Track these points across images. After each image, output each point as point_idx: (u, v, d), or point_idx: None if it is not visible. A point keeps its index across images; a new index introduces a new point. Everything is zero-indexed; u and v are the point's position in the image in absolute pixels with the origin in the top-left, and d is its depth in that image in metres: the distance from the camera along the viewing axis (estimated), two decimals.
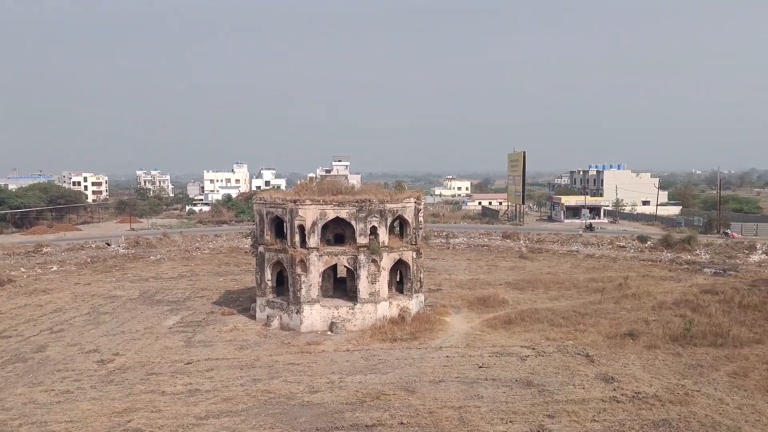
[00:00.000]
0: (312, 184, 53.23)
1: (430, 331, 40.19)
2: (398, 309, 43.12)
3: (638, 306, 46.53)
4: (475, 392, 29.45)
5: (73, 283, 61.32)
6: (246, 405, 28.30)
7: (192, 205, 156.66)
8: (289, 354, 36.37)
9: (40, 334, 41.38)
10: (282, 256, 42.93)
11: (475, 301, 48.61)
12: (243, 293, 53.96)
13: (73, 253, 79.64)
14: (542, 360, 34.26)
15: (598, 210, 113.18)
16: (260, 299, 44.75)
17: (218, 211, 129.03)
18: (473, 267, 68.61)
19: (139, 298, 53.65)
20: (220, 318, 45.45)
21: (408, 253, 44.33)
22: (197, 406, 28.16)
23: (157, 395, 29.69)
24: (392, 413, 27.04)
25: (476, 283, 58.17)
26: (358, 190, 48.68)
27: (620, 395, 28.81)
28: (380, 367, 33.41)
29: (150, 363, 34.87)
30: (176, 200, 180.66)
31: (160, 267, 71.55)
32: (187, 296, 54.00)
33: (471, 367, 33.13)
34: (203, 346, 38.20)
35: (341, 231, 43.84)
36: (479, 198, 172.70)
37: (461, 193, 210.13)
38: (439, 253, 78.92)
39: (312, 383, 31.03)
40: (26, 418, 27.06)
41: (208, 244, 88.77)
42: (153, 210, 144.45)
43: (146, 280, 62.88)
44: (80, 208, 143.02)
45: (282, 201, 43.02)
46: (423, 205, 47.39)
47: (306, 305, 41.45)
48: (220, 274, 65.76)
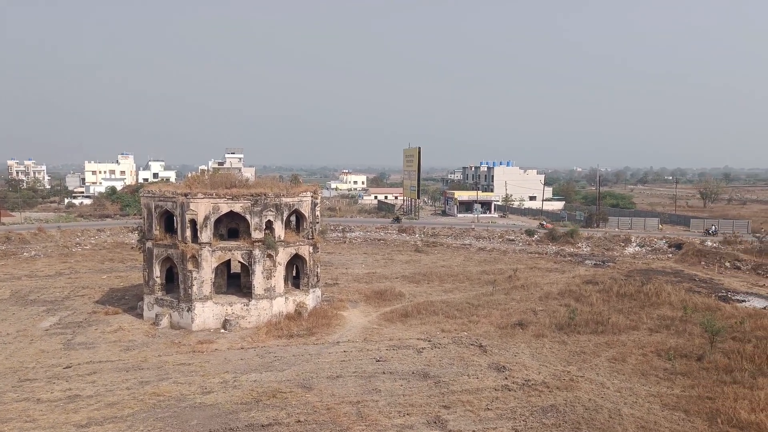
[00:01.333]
0: (204, 176, 51.16)
1: (327, 326, 39.90)
2: (295, 304, 42.44)
3: (527, 297, 48.71)
4: (372, 386, 29.49)
5: None
6: (132, 409, 26.70)
7: (72, 198, 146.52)
8: (180, 354, 34.77)
9: None
10: (172, 252, 40.97)
11: (372, 295, 48.84)
12: (129, 291, 51.04)
13: None
14: (438, 352, 34.95)
15: (489, 204, 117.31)
16: (148, 297, 42.49)
17: (101, 205, 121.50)
18: (370, 261, 68.97)
19: (10, 298, 49.29)
20: (104, 318, 42.67)
21: (304, 247, 43.73)
22: (78, 413, 26.22)
23: (32, 403, 27.35)
24: (289, 411, 26.51)
25: (373, 276, 58.49)
26: (253, 184, 47.45)
27: (511, 383, 29.93)
28: (276, 365, 32.70)
29: (23, 368, 32.08)
30: (54, 192, 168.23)
31: (35, 264, 66.23)
32: (66, 295, 50.29)
33: (368, 361, 33.19)
34: (84, 349, 35.67)
35: (235, 225, 42.49)
36: (375, 192, 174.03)
37: (357, 187, 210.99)
38: (336, 247, 78.73)
39: (204, 383, 29.82)
40: None
41: (89, 240, 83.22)
42: (27, 203, 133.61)
43: (18, 278, 57.93)
44: None
45: (172, 194, 41.02)
46: (320, 199, 46.91)
47: (198, 302, 39.82)
48: (103, 271, 61.88)
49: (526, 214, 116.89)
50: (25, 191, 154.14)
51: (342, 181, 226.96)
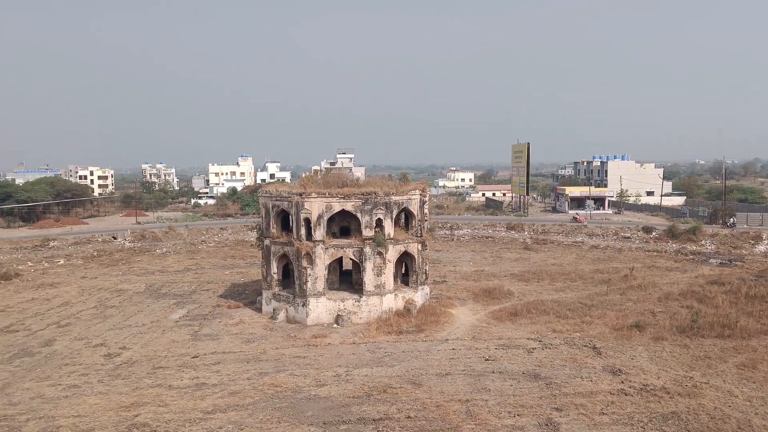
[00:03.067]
0: (317, 176, 53.17)
1: (435, 323, 40.19)
2: (404, 301, 43.10)
3: (644, 297, 46.43)
4: (482, 385, 29.43)
5: (79, 276, 61.49)
6: (253, 399, 28.34)
7: (197, 198, 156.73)
8: (296, 347, 36.41)
9: (48, 329, 41.52)
10: (288, 249, 42.91)
11: (480, 293, 48.57)
12: (249, 286, 54.02)
13: (79, 246, 79.88)
14: (549, 352, 34.22)
15: (603, 201, 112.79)
16: (266, 292, 44.78)
17: (223, 204, 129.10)
18: (478, 258, 68.52)
19: (145, 291, 53.78)
20: (226, 311, 45.53)
21: (413, 245, 44.27)
22: (204, 401, 28.22)
23: (164, 389, 29.77)
24: (399, 407, 27.04)
25: (481, 274, 58.10)
26: (364, 183, 48.60)
27: (628, 388, 28.75)
28: (386, 360, 33.43)
29: (157, 357, 34.96)
30: (181, 193, 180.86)
31: (166, 260, 71.68)
32: (193, 289, 54.10)
33: (477, 360, 33.12)
34: (209, 340, 38.27)
35: (347, 223, 43.80)
36: (483, 189, 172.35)
37: (465, 185, 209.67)
38: (444, 245, 78.87)
39: (318, 376, 31.07)
40: (34, 412, 27.17)
41: (213, 237, 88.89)
42: (158, 203, 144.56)
43: (152, 273, 63.01)
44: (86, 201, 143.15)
45: (288, 194, 42.95)
46: (428, 197, 47.28)
47: (312, 298, 41.46)
48: (225, 267, 65.85)
49: (643, 210, 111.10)
50: (157, 192, 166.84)
51: (450, 179, 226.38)
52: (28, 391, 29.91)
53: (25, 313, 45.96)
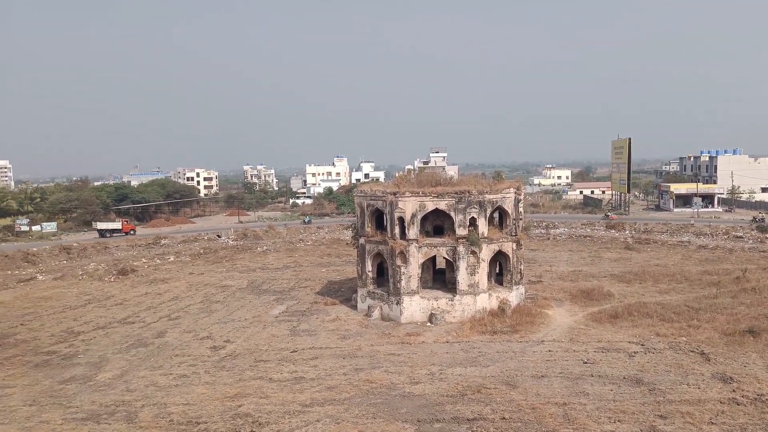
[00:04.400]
0: (410, 176, 53.55)
1: (531, 324, 39.44)
2: (498, 301, 42.62)
3: (759, 301, 43.34)
4: (580, 389, 28.62)
5: (187, 273, 65.28)
6: (349, 394, 29.03)
7: (295, 198, 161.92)
8: (390, 344, 36.91)
9: (160, 321, 44.42)
10: (382, 248, 43.55)
11: (578, 294, 47.14)
12: (344, 284, 55.26)
13: (187, 244, 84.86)
14: (652, 357, 32.71)
15: (712, 198, 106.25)
16: (361, 290, 45.67)
17: (320, 204, 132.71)
18: (575, 258, 66.47)
19: (247, 287, 56.29)
20: (323, 308, 46.83)
21: (508, 244, 43.66)
22: (302, 394, 29.22)
23: (265, 382, 31.08)
24: (494, 407, 26.82)
25: (579, 275, 56.36)
26: (457, 181, 48.46)
27: (740, 397, 27.00)
28: (480, 360, 33.21)
29: (258, 350, 36.54)
30: (280, 194, 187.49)
31: (267, 258, 74.62)
32: (292, 286, 56.03)
33: (575, 363, 32.22)
34: (307, 335, 39.54)
35: (440, 222, 43.86)
36: (580, 187, 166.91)
37: (561, 183, 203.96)
38: (539, 244, 77.10)
39: (413, 374, 31.34)
40: (148, 399, 29.20)
41: (311, 236, 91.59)
42: (259, 203, 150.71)
43: (254, 270, 65.82)
44: (194, 202, 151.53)
45: (382, 193, 43.58)
46: (523, 195, 46.46)
47: (406, 296, 41.86)
48: (322, 265, 67.67)
49: (757, 208, 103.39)
50: (258, 193, 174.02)
51: (545, 177, 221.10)
52: (143, 379, 32.16)
53: (140, 306, 49.40)
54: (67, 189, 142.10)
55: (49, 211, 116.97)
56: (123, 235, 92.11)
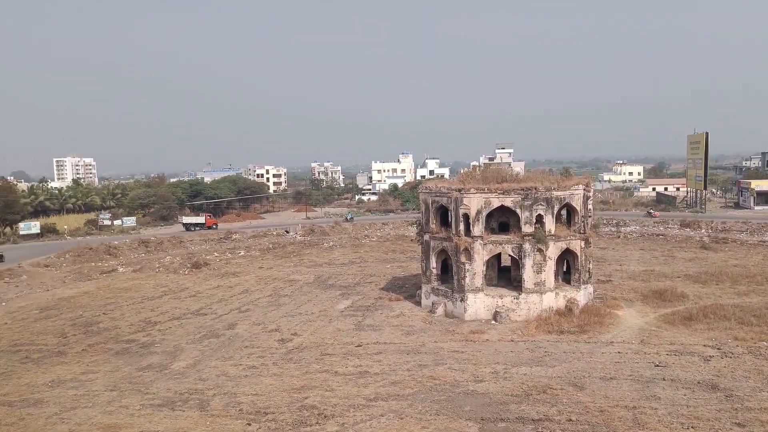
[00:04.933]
0: (476, 172, 53.10)
1: (599, 324, 38.43)
2: (565, 300, 41.77)
3: None
4: (651, 392, 27.72)
5: (257, 267, 67.17)
6: (412, 390, 29.20)
7: (361, 195, 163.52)
8: (454, 341, 36.83)
9: (230, 313, 45.95)
10: (447, 245, 43.46)
11: (649, 294, 45.55)
12: (409, 280, 55.48)
13: (257, 239, 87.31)
14: (729, 362, 31.27)
15: None
16: (425, 286, 45.74)
17: (385, 200, 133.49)
18: (647, 257, 64.23)
19: (314, 282, 57.39)
20: (387, 304, 47.19)
21: (575, 242, 42.69)
22: (367, 388, 29.60)
23: (331, 375, 31.67)
24: (560, 409, 26.36)
25: (651, 274, 54.44)
26: (523, 178, 47.75)
27: None
28: (546, 360, 32.68)
29: (324, 344, 37.25)
30: (347, 190, 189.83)
31: (333, 253, 75.80)
32: (357, 282, 56.73)
33: (646, 366, 31.19)
34: (372, 330, 39.96)
35: (506, 219, 43.36)
36: (653, 183, 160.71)
37: (633, 179, 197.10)
38: (609, 243, 74.99)
39: (476, 372, 31.19)
40: (219, 388, 30.32)
41: (376, 232, 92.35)
42: (326, 199, 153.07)
43: (320, 265, 67.02)
44: (263, 198, 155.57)
45: (447, 190, 43.47)
46: (592, 192, 45.29)
47: (470, 293, 41.64)
48: (387, 261, 68.14)
49: None
50: (325, 189, 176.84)
51: (616, 173, 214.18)
52: (215, 368, 33.40)
53: (212, 299, 51.24)
54: (146, 185, 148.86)
55: (129, 207, 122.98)
56: (206, 229, 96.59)
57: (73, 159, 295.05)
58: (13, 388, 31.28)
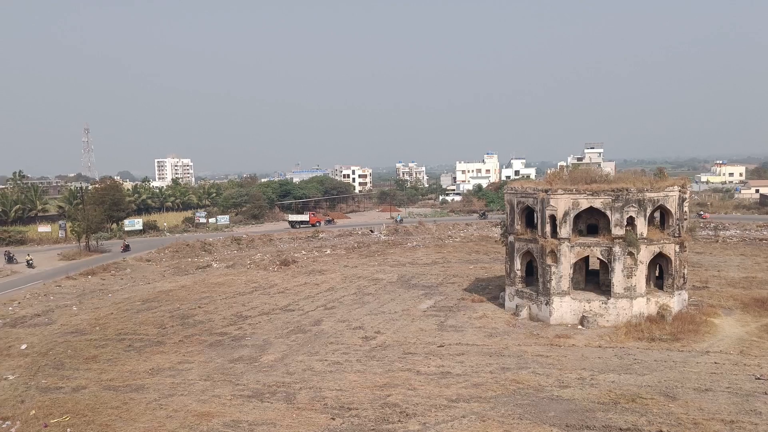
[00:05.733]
0: (563, 172, 51.83)
1: (694, 332, 36.61)
2: (657, 306, 40.06)
3: None
4: (750, 406, 26.19)
5: (342, 265, 68.55)
6: (495, 393, 28.97)
7: (445, 195, 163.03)
8: (538, 345, 36.19)
9: (316, 310, 47.20)
10: (532, 246, 42.74)
11: (750, 303, 42.89)
12: (492, 281, 54.93)
13: (342, 238, 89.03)
14: None
15: None
16: (509, 288, 45.16)
17: (469, 201, 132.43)
18: (748, 263, 60.39)
19: (397, 281, 57.91)
20: (470, 305, 46.95)
21: (669, 245, 40.83)
22: (449, 389, 29.64)
23: (413, 374, 31.92)
24: (650, 419, 25.39)
25: (752, 282, 51.19)
26: (614, 178, 46.25)
27: None
28: (636, 368, 31.51)
29: (407, 343, 37.57)
30: (431, 190, 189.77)
31: (416, 253, 76.14)
32: (440, 282, 56.75)
33: (746, 378, 29.47)
34: (454, 331, 39.91)
35: (594, 221, 42.13)
36: (757, 185, 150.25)
37: (733, 180, 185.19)
38: (706, 247, 71.09)
39: (561, 377, 30.54)
40: (305, 383, 31.27)
41: (459, 233, 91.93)
42: (410, 200, 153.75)
43: (403, 265, 67.51)
44: (349, 198, 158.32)
45: (533, 190, 42.75)
46: (688, 193, 43.18)
47: (556, 297, 40.75)
48: (470, 262, 67.72)
49: None
50: (409, 189, 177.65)
51: (714, 174, 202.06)
52: (301, 363, 34.46)
53: (299, 295, 52.81)
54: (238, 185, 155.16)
55: (222, 205, 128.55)
56: (310, 227, 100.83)
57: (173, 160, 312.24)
58: (118, 374, 33.57)
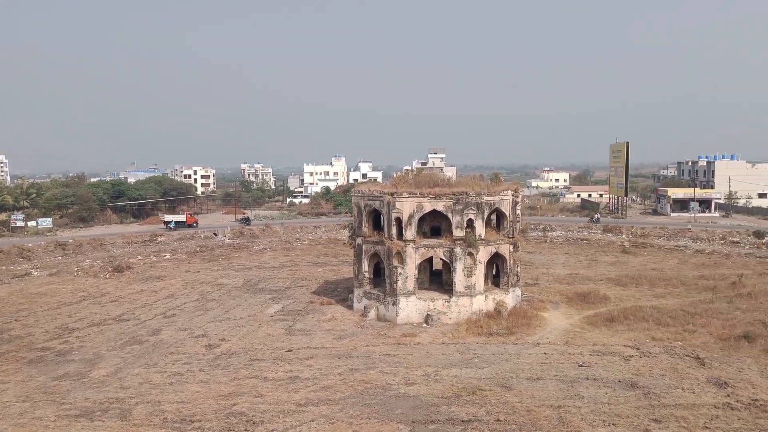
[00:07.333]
0: (408, 176, 53.52)
1: (527, 326, 39.44)
2: (494, 303, 42.61)
3: (755, 306, 43.43)
4: (575, 392, 28.63)
5: (183, 270, 65.13)
6: (344, 394, 28.98)
7: (293, 197, 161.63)
8: (386, 345, 36.85)
9: (155, 318, 44.29)
10: (379, 248, 43.49)
11: (574, 297, 47.17)
12: (341, 284, 55.19)
13: (183, 242, 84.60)
14: (647, 361, 32.73)
15: (709, 203, 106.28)
16: (357, 290, 45.60)
17: (317, 203, 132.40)
18: (572, 261, 66.53)
19: (243, 286, 56.17)
20: (319, 307, 46.74)
21: (505, 246, 43.66)
22: (297, 393, 29.15)
23: (260, 381, 31.00)
24: (488, 409, 26.81)
25: (575, 278, 56.41)
26: (455, 183, 48.47)
27: (735, 402, 27.05)
28: (476, 362, 33.19)
29: (253, 349, 36.44)
30: (278, 192, 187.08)
31: (263, 257, 74.50)
32: (288, 285, 55.93)
33: (571, 366, 32.22)
34: (303, 335, 39.45)
35: (438, 223, 43.83)
36: (578, 190, 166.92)
37: (559, 185, 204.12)
38: (537, 247, 77.19)
39: (408, 375, 31.31)
40: (142, 397, 29.10)
41: (307, 235, 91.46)
42: (256, 202, 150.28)
43: (250, 269, 65.70)
44: (190, 199, 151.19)
45: (380, 193, 43.54)
46: (520, 197, 46.46)
47: (402, 297, 41.81)
48: (318, 265, 67.59)
49: (754, 214, 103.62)
50: (255, 191, 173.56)
51: (543, 179, 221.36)
52: (137, 376, 32.05)
53: (135, 304, 49.26)
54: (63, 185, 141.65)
55: (44, 207, 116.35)
56: (187, 227, 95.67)
57: None
58: None
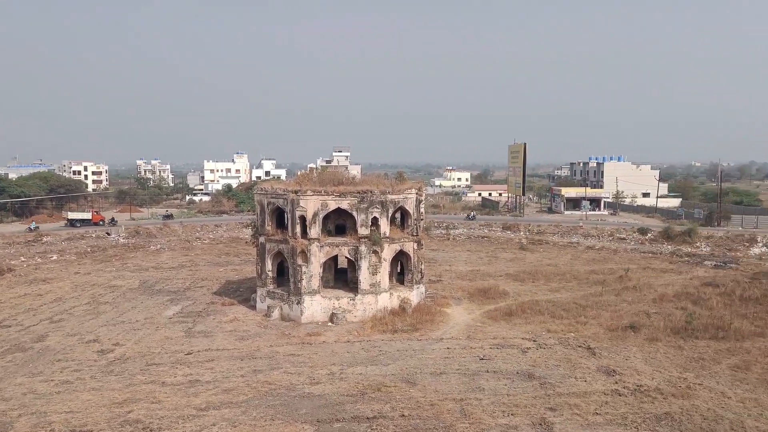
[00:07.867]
0: (313, 174, 52.97)
1: (431, 322, 40.15)
2: (399, 300, 43.05)
3: (639, 298, 46.53)
4: (476, 384, 29.41)
5: (73, 272, 61.17)
6: (246, 396, 28.24)
7: (192, 195, 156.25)
8: (290, 345, 36.30)
9: (40, 324, 41.27)
10: (283, 247, 42.79)
11: (475, 293, 48.56)
12: (243, 283, 53.85)
13: (73, 242, 79.43)
14: (543, 352, 34.22)
15: (599, 202, 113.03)
16: (261, 290, 44.64)
17: (218, 201, 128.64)
18: (473, 258, 68.52)
19: (139, 287, 53.53)
20: (221, 308, 45.35)
21: (409, 244, 44.20)
22: (197, 397, 28.10)
23: (158, 386, 29.62)
24: (393, 405, 26.99)
25: (477, 274, 58.10)
26: (360, 181, 48.53)
27: (622, 388, 28.78)
28: (381, 359, 33.37)
29: (150, 353, 34.78)
30: (176, 190, 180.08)
31: (161, 257, 71.41)
32: (187, 286, 53.88)
33: (472, 359, 33.09)
34: (203, 337, 38.10)
35: (342, 222, 43.70)
36: (479, 189, 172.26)
37: (461, 184, 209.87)
38: (440, 244, 78.84)
39: (313, 374, 30.98)
40: (26, 408, 26.99)
41: (208, 234, 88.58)
42: (153, 199, 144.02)
43: (146, 269, 62.74)
44: (80, 197, 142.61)
45: (283, 191, 42.83)
46: (424, 196, 47.22)
47: (307, 296, 41.35)
48: (220, 264, 65.64)
49: (639, 212, 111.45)
50: (152, 189, 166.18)
51: (446, 178, 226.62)
52: (20, 386, 29.72)
53: (17, 309, 45.68)
54: None
55: None
56: (93, 225, 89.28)
57: None
58: None
